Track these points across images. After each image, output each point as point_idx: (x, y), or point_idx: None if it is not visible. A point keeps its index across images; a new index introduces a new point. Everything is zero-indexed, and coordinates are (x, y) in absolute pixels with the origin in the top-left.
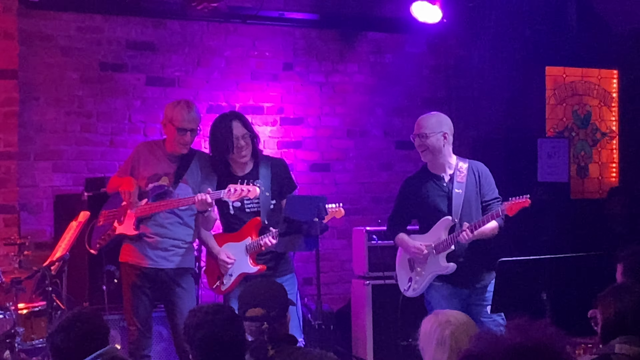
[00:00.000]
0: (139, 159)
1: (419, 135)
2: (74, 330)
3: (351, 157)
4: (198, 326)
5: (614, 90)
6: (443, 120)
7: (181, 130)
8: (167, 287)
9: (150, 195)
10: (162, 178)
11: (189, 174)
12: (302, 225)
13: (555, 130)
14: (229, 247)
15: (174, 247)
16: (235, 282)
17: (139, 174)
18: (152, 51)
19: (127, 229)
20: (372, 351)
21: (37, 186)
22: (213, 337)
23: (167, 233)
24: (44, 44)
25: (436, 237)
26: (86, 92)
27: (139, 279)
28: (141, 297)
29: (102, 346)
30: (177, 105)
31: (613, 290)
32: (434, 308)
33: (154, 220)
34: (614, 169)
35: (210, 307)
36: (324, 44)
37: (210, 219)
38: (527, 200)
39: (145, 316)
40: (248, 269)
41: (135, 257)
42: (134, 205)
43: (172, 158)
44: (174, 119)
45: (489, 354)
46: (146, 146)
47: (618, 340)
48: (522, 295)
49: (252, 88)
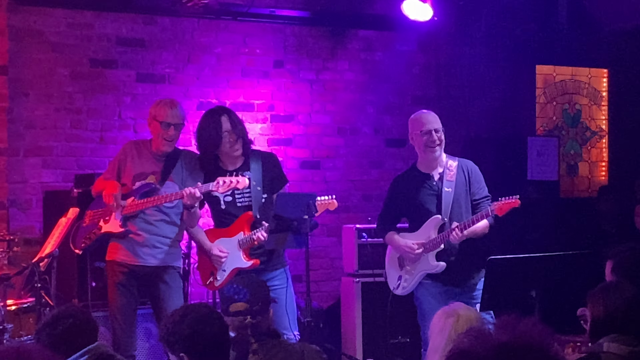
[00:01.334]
0: (126, 158)
1: (435, 130)
2: (59, 326)
3: (341, 154)
4: (180, 327)
5: (604, 89)
6: None
7: (165, 125)
8: (153, 284)
9: (137, 193)
10: (149, 177)
11: (175, 172)
12: (292, 223)
13: (545, 129)
14: (222, 242)
15: (160, 245)
16: (229, 277)
17: (126, 172)
18: (142, 48)
19: (113, 227)
20: (361, 349)
21: (26, 182)
22: (198, 335)
23: (153, 230)
24: (33, 40)
25: (426, 235)
26: (76, 88)
27: (126, 277)
28: (126, 295)
29: (90, 342)
30: (160, 102)
31: (602, 289)
32: (424, 306)
33: (141, 218)
34: (604, 168)
35: (187, 307)
36: (315, 41)
37: (195, 215)
38: (516, 201)
39: (129, 315)
40: (241, 264)
41: (122, 254)
42: (118, 207)
43: (158, 157)
44: (157, 114)
45: (476, 351)
46: (133, 145)
47: (607, 339)
48: (511, 293)
49: (242, 85)
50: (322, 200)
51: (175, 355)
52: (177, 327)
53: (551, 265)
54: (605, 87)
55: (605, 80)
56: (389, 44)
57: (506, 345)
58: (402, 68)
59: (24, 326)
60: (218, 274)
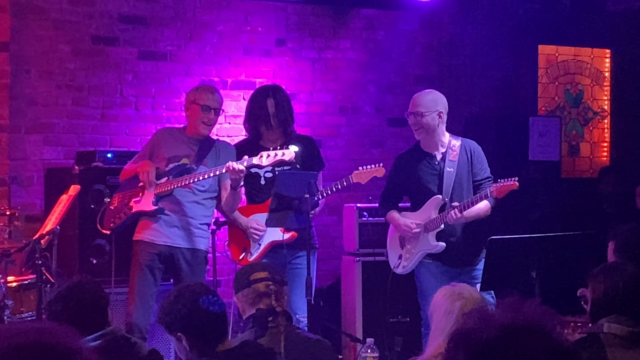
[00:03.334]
0: (159, 143)
1: (414, 113)
2: (73, 300)
3: (343, 133)
4: (176, 306)
5: (606, 70)
6: (438, 99)
7: (205, 108)
8: (178, 266)
9: (171, 174)
10: (182, 159)
11: (210, 158)
12: (293, 202)
13: (547, 109)
14: (257, 217)
15: (190, 227)
16: (263, 252)
17: (159, 157)
18: (144, 25)
19: (145, 205)
20: (361, 327)
21: (27, 159)
22: (195, 314)
23: (185, 212)
24: (35, 17)
25: (426, 215)
26: (78, 65)
27: (151, 257)
28: (149, 278)
29: (102, 317)
30: (200, 87)
31: (603, 269)
32: (424, 285)
33: (173, 197)
34: (605, 148)
35: (183, 287)
36: (317, 20)
37: (239, 196)
38: (515, 183)
39: (147, 298)
40: (278, 237)
41: (150, 234)
42: (152, 185)
43: (193, 141)
44: (198, 98)
45: (479, 331)
46: (166, 131)
47: (607, 320)
48: (512, 273)
49: (244, 63)
50: (368, 168)
51: (174, 335)
52: (173, 307)
53: (552, 245)
54: (608, 68)
55: (608, 60)
56: (391, 23)
57: (510, 326)
58: (404, 47)
59: (24, 303)
60: (252, 248)
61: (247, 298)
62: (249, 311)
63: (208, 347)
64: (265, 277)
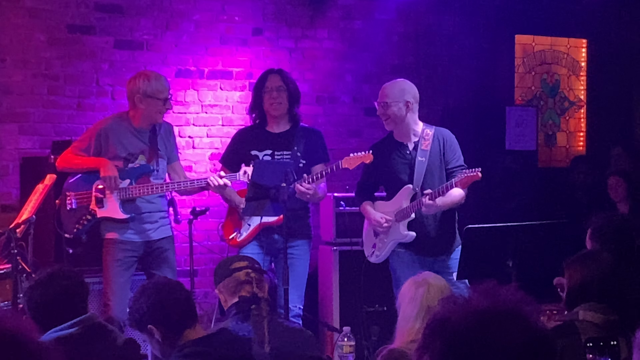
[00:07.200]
0: (108, 139)
1: (380, 103)
2: (52, 286)
3: (320, 123)
4: (140, 301)
5: (582, 60)
6: (407, 88)
7: (167, 102)
8: (154, 257)
9: (132, 176)
10: (139, 157)
11: (160, 144)
12: (270, 191)
13: (524, 99)
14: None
15: (158, 219)
16: (253, 233)
17: (110, 152)
18: (120, 14)
19: (112, 213)
20: (338, 316)
21: (3, 148)
22: (160, 304)
23: (153, 207)
24: (10, 5)
25: (398, 205)
26: (53, 54)
27: (127, 254)
28: (125, 274)
29: (81, 304)
30: (151, 79)
31: (579, 258)
32: (398, 274)
33: (141, 197)
34: (582, 138)
35: (145, 283)
36: (294, 9)
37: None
38: (477, 174)
39: (124, 293)
40: (267, 219)
41: (122, 234)
42: (115, 189)
43: (142, 133)
44: (156, 92)
45: (456, 319)
46: (112, 124)
47: (582, 307)
48: (488, 262)
49: (221, 53)
50: (358, 155)
51: (145, 331)
52: (139, 302)
53: (528, 234)
54: (584, 58)
55: (584, 50)
56: (368, 12)
57: (487, 312)
58: (381, 37)
59: (0, 292)
60: (242, 229)
61: (228, 288)
62: (230, 301)
63: (179, 335)
64: (245, 266)
